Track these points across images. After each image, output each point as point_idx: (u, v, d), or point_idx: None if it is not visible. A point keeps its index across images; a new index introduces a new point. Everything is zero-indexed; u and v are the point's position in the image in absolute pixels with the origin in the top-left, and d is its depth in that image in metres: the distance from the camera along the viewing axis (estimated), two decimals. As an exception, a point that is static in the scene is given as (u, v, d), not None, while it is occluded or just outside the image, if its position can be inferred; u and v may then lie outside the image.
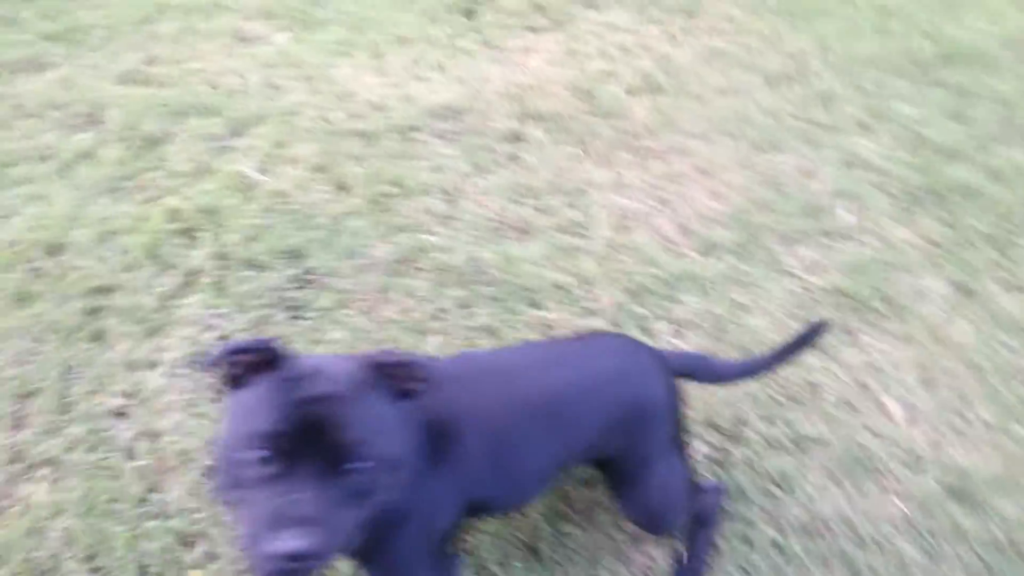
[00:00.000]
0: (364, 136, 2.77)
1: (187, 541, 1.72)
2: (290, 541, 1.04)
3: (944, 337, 2.28)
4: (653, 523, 1.70)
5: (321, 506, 1.08)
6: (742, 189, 2.74)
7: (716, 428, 2.02)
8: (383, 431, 1.16)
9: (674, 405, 1.60)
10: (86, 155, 2.59)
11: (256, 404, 1.13)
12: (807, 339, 1.72)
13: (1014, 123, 3.12)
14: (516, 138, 2.84)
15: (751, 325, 2.27)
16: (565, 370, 1.49)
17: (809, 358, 2.19)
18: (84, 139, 2.65)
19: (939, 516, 1.87)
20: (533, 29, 3.36)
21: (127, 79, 2.88)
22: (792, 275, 2.44)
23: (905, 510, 1.87)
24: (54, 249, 2.29)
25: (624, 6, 3.51)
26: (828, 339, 2.24)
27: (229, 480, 1.13)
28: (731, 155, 2.87)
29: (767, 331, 2.25)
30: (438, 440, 1.32)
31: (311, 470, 1.09)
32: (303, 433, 1.09)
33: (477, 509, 1.47)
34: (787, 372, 2.14)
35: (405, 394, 1.21)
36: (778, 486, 1.90)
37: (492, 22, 3.35)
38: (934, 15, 3.59)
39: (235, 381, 1.18)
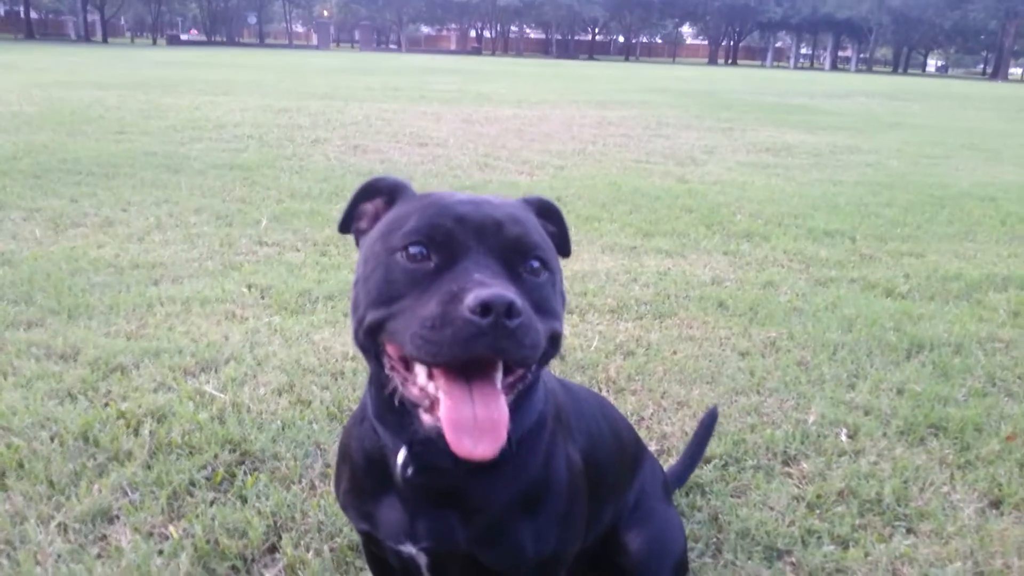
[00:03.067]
0: (335, 374, 2.75)
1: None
2: (495, 290, 0.86)
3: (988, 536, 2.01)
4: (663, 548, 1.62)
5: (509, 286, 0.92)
6: (726, 417, 2.61)
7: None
8: (548, 243, 1.07)
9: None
10: (51, 376, 2.56)
11: (403, 214, 1.03)
12: (708, 430, 2.12)
13: (997, 381, 3.08)
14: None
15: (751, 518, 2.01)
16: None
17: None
18: (52, 367, 2.64)
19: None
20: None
21: (113, 335, 2.97)
22: (792, 483, 2.26)
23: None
24: (-19, 428, 2.14)
25: (600, 312, 3.74)
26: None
27: (383, 295, 0.96)
28: (709, 396, 2.79)
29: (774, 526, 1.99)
30: None
31: (482, 262, 0.94)
32: (467, 230, 0.96)
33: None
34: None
35: None
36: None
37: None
38: (895, 319, 3.78)
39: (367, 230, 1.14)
